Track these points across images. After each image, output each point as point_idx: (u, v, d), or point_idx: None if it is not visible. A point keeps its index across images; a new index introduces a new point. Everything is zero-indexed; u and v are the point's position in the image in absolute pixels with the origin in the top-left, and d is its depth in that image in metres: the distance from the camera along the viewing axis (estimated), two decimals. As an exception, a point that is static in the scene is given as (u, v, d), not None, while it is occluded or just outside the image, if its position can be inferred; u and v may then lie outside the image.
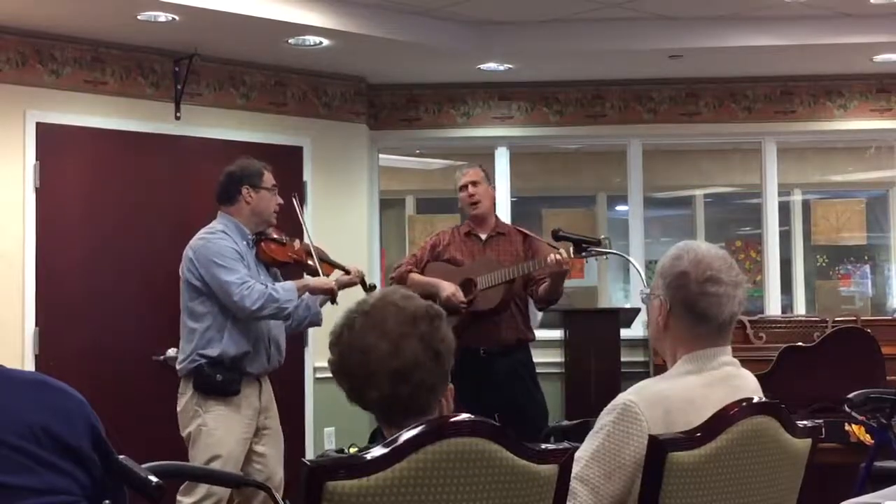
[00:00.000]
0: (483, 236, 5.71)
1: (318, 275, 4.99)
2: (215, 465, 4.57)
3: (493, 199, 5.80)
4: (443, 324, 2.26)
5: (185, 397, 4.73)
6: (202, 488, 4.55)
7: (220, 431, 4.65)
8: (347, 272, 5.08)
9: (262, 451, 4.83)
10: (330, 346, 2.28)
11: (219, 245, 4.72)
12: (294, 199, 5.15)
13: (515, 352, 5.56)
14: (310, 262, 5.00)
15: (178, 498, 4.62)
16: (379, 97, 7.53)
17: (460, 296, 5.47)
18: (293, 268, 5.08)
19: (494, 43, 6.79)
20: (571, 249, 5.37)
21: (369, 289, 5.17)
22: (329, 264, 5.12)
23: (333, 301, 4.89)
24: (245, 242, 4.84)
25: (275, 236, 4.97)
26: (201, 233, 4.83)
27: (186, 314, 4.78)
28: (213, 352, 4.67)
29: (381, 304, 2.24)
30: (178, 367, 4.78)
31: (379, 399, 2.20)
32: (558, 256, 5.24)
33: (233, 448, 4.66)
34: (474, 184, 5.67)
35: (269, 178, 4.91)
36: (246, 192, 4.85)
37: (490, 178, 5.85)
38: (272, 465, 4.85)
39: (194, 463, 4.58)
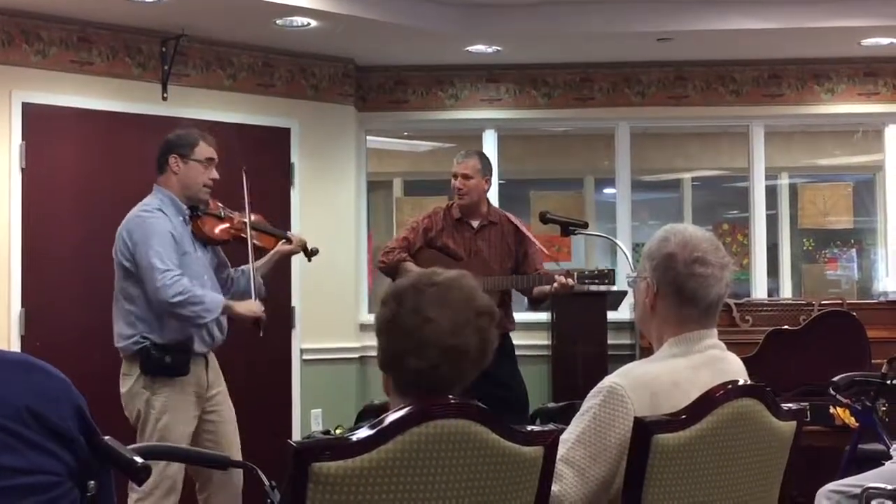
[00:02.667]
0: (475, 224, 5.71)
1: (257, 251, 4.78)
2: None
3: (485, 191, 5.76)
4: (494, 326, 2.29)
5: (132, 379, 4.54)
6: (154, 474, 4.43)
7: (167, 415, 4.50)
8: (289, 241, 4.93)
9: (214, 429, 4.67)
10: (386, 302, 2.27)
11: (154, 226, 4.48)
12: (244, 174, 4.81)
13: (500, 341, 5.57)
14: (245, 239, 4.73)
15: (131, 484, 4.47)
16: (367, 79, 7.51)
17: None
18: (234, 244, 4.83)
19: (482, 25, 6.77)
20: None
21: (311, 254, 5.00)
22: (268, 235, 4.92)
23: (260, 330, 4.62)
24: (181, 218, 4.62)
25: (212, 211, 4.71)
26: (136, 209, 4.59)
27: (123, 295, 4.58)
28: (157, 337, 4.49)
29: (452, 283, 2.25)
30: (119, 346, 4.59)
31: (418, 370, 2.19)
32: (565, 282, 5.30)
33: (181, 431, 4.52)
34: (465, 177, 5.66)
35: (203, 151, 4.61)
36: (174, 162, 4.60)
37: (488, 168, 5.76)
38: (224, 443, 4.64)
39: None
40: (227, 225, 4.75)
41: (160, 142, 4.71)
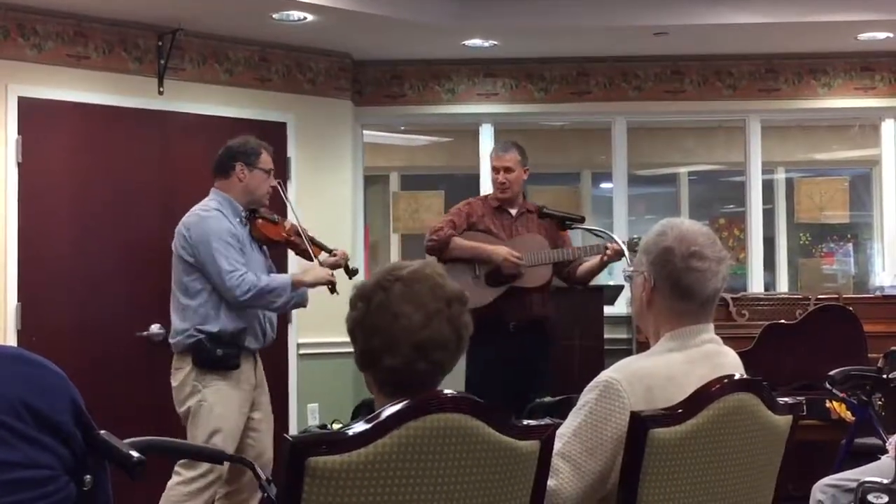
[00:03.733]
0: (513, 212, 5.77)
1: (309, 256, 5.00)
2: (216, 440, 4.59)
3: (524, 182, 5.83)
4: (467, 310, 2.27)
5: (183, 372, 4.70)
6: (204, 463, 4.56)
7: (220, 407, 4.65)
8: (334, 254, 5.08)
9: (256, 426, 4.86)
10: (355, 303, 2.26)
11: (215, 226, 4.70)
12: (279, 186, 5.10)
13: (541, 327, 5.66)
14: (299, 243, 5.00)
15: (177, 469, 4.60)
16: (364, 73, 7.51)
17: (517, 253, 5.51)
18: (282, 247, 5.10)
19: (479, 19, 6.77)
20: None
21: (352, 273, 5.16)
22: (316, 246, 5.11)
23: (333, 290, 4.85)
24: (238, 219, 4.83)
25: (267, 215, 4.96)
26: (196, 209, 4.80)
27: (180, 290, 4.75)
28: (212, 328, 4.66)
29: (418, 275, 2.23)
30: (172, 341, 4.75)
31: (394, 367, 2.18)
32: (618, 247, 5.40)
33: (233, 423, 4.68)
34: (507, 170, 5.69)
35: (265, 161, 4.90)
36: (240, 169, 4.84)
37: (526, 158, 5.77)
38: (264, 441, 4.88)
39: (194, 439, 4.58)
40: (281, 229, 5.00)
41: (223, 146, 4.93)
